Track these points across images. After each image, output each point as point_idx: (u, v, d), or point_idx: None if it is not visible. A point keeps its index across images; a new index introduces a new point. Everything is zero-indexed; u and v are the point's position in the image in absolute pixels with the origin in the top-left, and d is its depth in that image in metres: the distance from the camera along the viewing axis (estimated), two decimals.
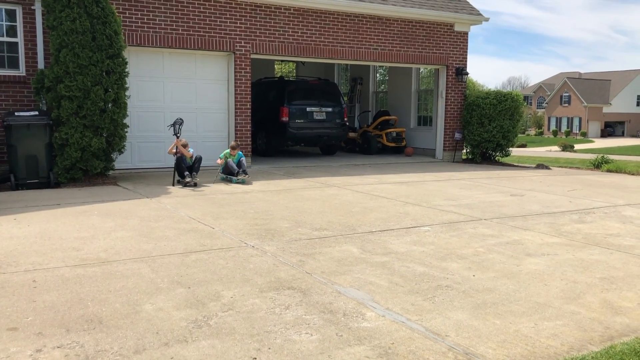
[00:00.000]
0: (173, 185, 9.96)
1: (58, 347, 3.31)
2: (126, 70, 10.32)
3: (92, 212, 7.43)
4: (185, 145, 10.22)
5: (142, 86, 12.30)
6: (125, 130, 10.51)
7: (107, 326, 3.63)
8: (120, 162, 11.59)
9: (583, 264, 5.24)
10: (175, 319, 3.76)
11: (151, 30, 11.89)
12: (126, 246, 5.66)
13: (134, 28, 11.71)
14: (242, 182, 10.21)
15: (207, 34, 12.50)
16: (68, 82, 9.61)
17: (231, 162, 10.50)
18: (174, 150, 10.15)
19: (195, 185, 9.93)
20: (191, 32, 12.31)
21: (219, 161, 10.73)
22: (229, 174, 10.49)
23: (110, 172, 10.96)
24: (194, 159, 10.37)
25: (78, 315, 3.81)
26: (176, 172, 10.13)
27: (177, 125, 10.24)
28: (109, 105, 10.07)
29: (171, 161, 12.61)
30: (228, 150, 10.78)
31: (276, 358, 3.21)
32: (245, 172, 10.36)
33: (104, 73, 9.95)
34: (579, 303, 4.18)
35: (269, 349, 3.33)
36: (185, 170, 10.07)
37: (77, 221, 6.85)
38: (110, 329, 3.58)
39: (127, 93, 10.46)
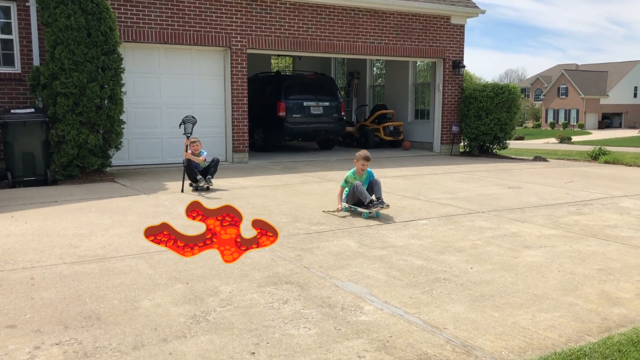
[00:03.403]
0: (182, 191, 8.78)
1: (56, 344, 3.31)
2: (122, 66, 10.29)
3: (90, 209, 7.42)
4: (195, 143, 9.15)
5: (138, 82, 12.27)
6: (122, 126, 10.49)
7: (106, 323, 3.63)
8: (118, 158, 11.58)
9: (580, 256, 5.25)
10: (173, 315, 3.76)
11: (146, 26, 11.85)
12: (124, 243, 5.65)
13: (129, 24, 11.67)
14: (378, 216, 6.95)
15: (202, 29, 12.46)
16: (64, 78, 9.59)
17: (360, 186, 7.07)
18: (188, 152, 9.07)
19: (208, 189, 8.90)
20: (187, 28, 12.28)
21: (339, 191, 7.36)
22: (358, 203, 7.16)
23: (108, 169, 10.95)
24: (207, 162, 9.29)
25: (76, 312, 3.81)
26: (187, 176, 8.98)
27: (187, 123, 9.06)
28: (105, 102, 10.05)
29: (169, 157, 12.66)
30: (351, 172, 7.31)
31: (275, 352, 3.21)
32: (381, 202, 6.93)
33: (100, 69, 9.92)
34: (576, 294, 4.19)
35: (268, 343, 3.33)
36: (199, 174, 8.95)
37: (75, 218, 6.84)
38: (108, 326, 3.58)
39: (123, 89, 10.44)
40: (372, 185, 7.13)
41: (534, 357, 3.13)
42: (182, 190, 8.86)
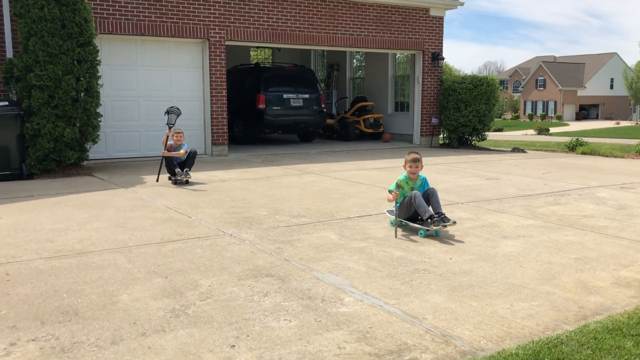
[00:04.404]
0: (157, 181, 8.90)
1: (33, 340, 3.26)
2: (98, 58, 10.14)
3: (67, 203, 7.32)
4: (179, 134, 9.03)
5: (115, 75, 12.12)
6: (99, 119, 10.35)
7: (83, 317, 3.58)
8: (95, 152, 11.45)
9: (558, 245, 5.31)
10: (152, 309, 3.73)
11: (123, 17, 11.69)
12: (102, 237, 5.59)
13: (105, 15, 11.50)
14: (437, 235, 5.67)
15: (180, 21, 12.33)
16: (38, 71, 9.42)
17: (420, 197, 5.75)
18: (169, 143, 8.97)
19: (187, 182, 8.83)
20: (164, 19, 12.14)
21: (390, 197, 5.87)
22: (412, 218, 5.90)
23: (85, 163, 10.82)
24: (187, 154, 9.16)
25: (53, 307, 3.75)
26: (165, 167, 8.99)
27: (171, 114, 8.96)
28: (82, 95, 9.90)
29: (147, 150, 12.53)
30: (403, 176, 6.03)
31: (255, 345, 3.20)
32: (443, 217, 5.57)
33: (75, 62, 9.77)
34: (553, 284, 4.24)
35: (248, 336, 3.32)
36: (177, 166, 8.88)
37: (51, 212, 6.74)
38: (86, 321, 3.54)
39: (99, 82, 10.30)
40: (429, 196, 5.79)
41: (512, 346, 3.17)
42: (157, 180, 8.92)
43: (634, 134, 33.53)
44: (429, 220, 5.57)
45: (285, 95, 15.43)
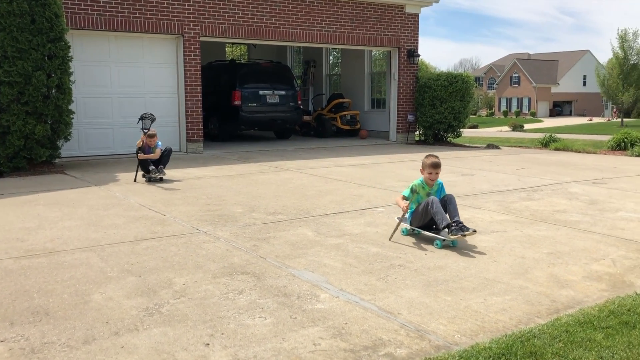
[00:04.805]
0: (135, 181, 8.76)
1: (1, 342, 3.19)
2: (69, 54, 9.97)
3: (38, 202, 7.19)
4: (153, 138, 8.90)
5: (87, 71, 11.93)
6: (71, 116, 10.18)
7: (54, 317, 3.52)
8: (68, 149, 11.25)
9: (531, 240, 5.38)
10: (125, 308, 3.68)
11: (95, 12, 11.51)
12: (74, 235, 5.50)
13: (76, 11, 11.31)
14: (454, 245, 5.17)
15: (154, 17, 12.18)
16: (7, 67, 9.22)
17: (437, 203, 5.25)
18: (141, 144, 8.87)
19: (161, 180, 8.77)
20: (137, 15, 11.98)
21: (402, 204, 5.44)
22: (426, 226, 5.38)
23: (57, 161, 10.63)
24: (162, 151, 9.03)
25: (23, 307, 3.68)
26: (139, 166, 8.90)
27: (145, 119, 8.93)
28: (53, 91, 9.72)
29: (121, 147, 12.37)
30: (419, 180, 5.56)
31: (229, 343, 3.18)
32: (462, 226, 5.03)
33: (46, 57, 9.59)
34: (526, 278, 4.29)
35: (222, 334, 3.30)
36: (151, 164, 8.77)
37: (22, 211, 6.61)
38: (57, 321, 3.47)
39: (71, 78, 10.12)
40: (446, 203, 5.28)
41: (485, 340, 3.19)
42: (135, 180, 8.80)
43: (606, 130, 34.13)
44: (446, 229, 5.06)
45: (261, 92, 15.36)
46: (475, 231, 5.10)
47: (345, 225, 5.95)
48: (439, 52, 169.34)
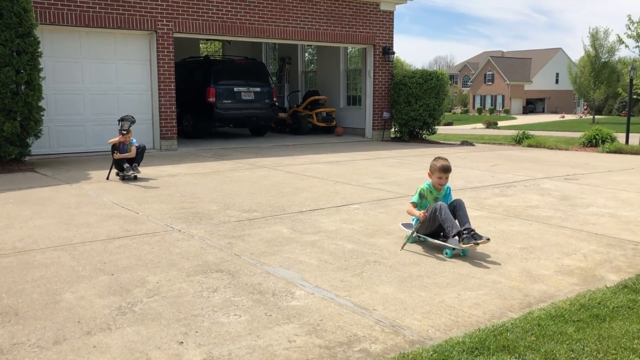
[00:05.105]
0: (107, 178, 8.60)
1: None
2: (39, 50, 9.77)
3: (7, 200, 7.04)
4: (127, 135, 8.70)
5: (58, 67, 11.72)
6: (42, 113, 9.99)
7: (24, 318, 3.45)
8: (38, 147, 11.04)
9: (504, 235, 5.44)
10: (98, 307, 3.63)
11: (65, 7, 11.30)
12: (45, 234, 5.39)
13: (46, 5, 11.09)
14: (465, 254, 4.78)
15: (126, 12, 12.01)
16: None
17: (446, 209, 4.83)
18: (115, 141, 8.70)
19: (136, 178, 8.61)
20: (109, 11, 11.80)
21: (418, 213, 4.93)
22: (433, 234, 4.98)
23: (27, 159, 10.42)
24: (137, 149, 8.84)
25: None
26: (114, 164, 8.73)
27: (125, 121, 8.72)
28: (22, 88, 9.52)
29: (94, 145, 12.19)
30: (427, 184, 5.21)
31: (204, 341, 3.15)
32: (474, 234, 4.64)
33: (14, 53, 9.38)
34: (499, 273, 4.34)
35: (197, 332, 3.27)
36: (125, 161, 8.61)
37: None
38: (27, 321, 3.40)
39: (41, 74, 9.92)
40: (455, 209, 4.92)
41: (459, 334, 3.22)
42: (108, 178, 8.68)
43: (578, 127, 34.74)
44: (457, 237, 4.68)
45: (236, 89, 15.26)
46: (489, 239, 4.69)
47: (321, 222, 5.95)
48: (414, 50, 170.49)
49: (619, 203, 6.98)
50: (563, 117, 61.25)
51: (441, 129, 21.67)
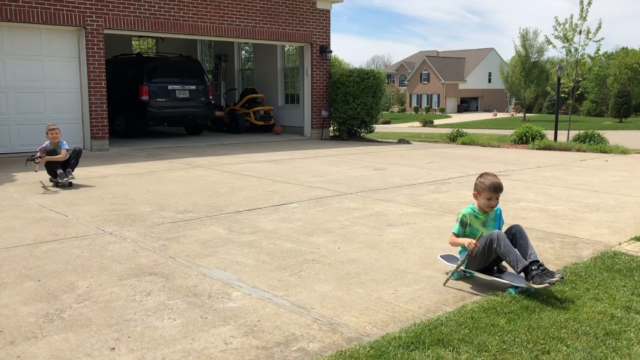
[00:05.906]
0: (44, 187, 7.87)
1: None
2: None
3: None
4: (54, 131, 7.99)
5: None
6: None
7: None
8: None
9: (439, 231, 5.55)
10: (22, 315, 3.45)
11: None
12: None
13: None
14: (532, 291, 3.81)
15: (52, 7, 11.52)
16: None
17: (505, 239, 3.91)
18: (44, 145, 8.00)
19: (70, 185, 7.91)
20: (33, 5, 11.28)
21: (466, 241, 4.05)
22: (487, 268, 4.09)
23: None
24: (68, 154, 8.12)
25: None
26: (46, 170, 8.04)
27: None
28: None
29: (19, 145, 11.65)
30: (469, 208, 4.28)
31: (136, 346, 3.05)
32: (545, 270, 3.72)
33: None
34: (435, 268, 4.41)
35: (129, 337, 3.15)
36: (59, 166, 7.92)
37: None
38: None
39: None
40: (514, 237, 3.99)
41: (395, 330, 3.25)
42: (44, 187, 7.95)
43: (509, 125, 36.02)
44: (523, 272, 3.79)
45: (170, 87, 14.94)
46: (563, 277, 3.76)
47: (258, 222, 5.89)
48: (351, 49, 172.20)
49: (547, 198, 7.26)
50: (496, 115, 63.41)
51: (379, 128, 21.96)
